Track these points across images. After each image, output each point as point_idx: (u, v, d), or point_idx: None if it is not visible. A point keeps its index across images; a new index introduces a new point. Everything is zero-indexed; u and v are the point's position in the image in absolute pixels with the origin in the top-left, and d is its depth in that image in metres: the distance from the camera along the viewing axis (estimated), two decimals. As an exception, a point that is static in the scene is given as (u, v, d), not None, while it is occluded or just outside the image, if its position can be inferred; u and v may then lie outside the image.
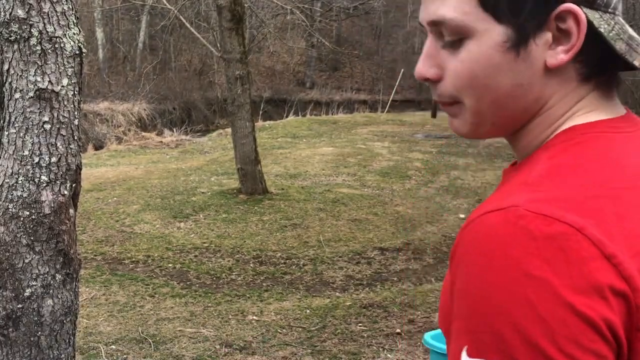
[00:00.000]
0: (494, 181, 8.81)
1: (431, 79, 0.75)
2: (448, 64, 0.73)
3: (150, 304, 4.68)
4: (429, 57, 0.75)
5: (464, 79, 0.72)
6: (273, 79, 29.33)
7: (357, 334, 4.20)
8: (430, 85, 0.77)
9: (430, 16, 0.73)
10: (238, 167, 7.56)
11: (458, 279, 0.62)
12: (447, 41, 0.73)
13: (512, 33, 0.69)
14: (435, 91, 0.76)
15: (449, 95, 0.74)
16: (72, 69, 2.09)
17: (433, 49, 0.75)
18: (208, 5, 17.49)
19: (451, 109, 0.76)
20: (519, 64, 0.70)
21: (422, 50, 0.78)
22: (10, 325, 2.06)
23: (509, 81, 0.71)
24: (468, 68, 0.71)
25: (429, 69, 0.75)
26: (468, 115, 0.75)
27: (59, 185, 2.09)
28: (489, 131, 0.76)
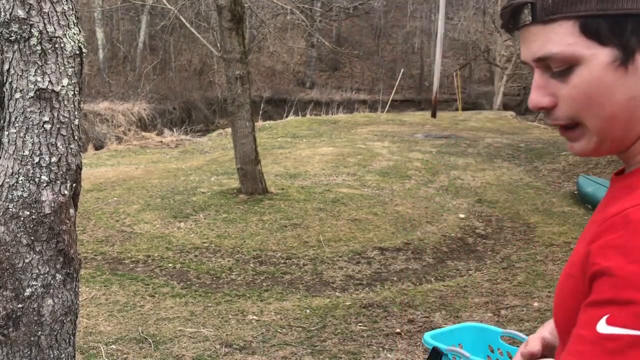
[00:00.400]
0: (494, 181, 8.82)
1: (546, 107, 0.83)
2: (561, 91, 0.80)
3: (150, 303, 4.69)
4: (540, 88, 0.82)
5: (581, 102, 0.79)
6: (273, 79, 29.34)
7: (357, 333, 4.20)
8: (545, 114, 0.84)
9: (536, 54, 0.80)
10: (238, 167, 7.56)
11: (630, 253, 0.70)
12: (556, 72, 0.80)
13: (618, 52, 0.76)
14: (551, 117, 0.84)
15: (566, 117, 0.82)
16: (72, 69, 2.09)
17: (542, 81, 0.82)
18: (208, 5, 17.49)
19: (571, 133, 0.83)
20: (629, 78, 0.77)
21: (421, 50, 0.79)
22: (10, 325, 2.07)
23: (623, 96, 0.77)
24: (583, 91, 0.78)
25: (542, 99, 0.82)
26: (590, 134, 0.82)
27: (59, 185, 2.09)
28: (610, 147, 0.83)
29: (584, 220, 6.90)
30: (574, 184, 8.48)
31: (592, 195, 7.35)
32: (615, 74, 0.76)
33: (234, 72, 7.26)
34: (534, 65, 0.82)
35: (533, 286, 5.04)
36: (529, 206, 7.54)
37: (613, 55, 0.76)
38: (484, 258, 5.87)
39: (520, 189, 8.41)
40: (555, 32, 0.78)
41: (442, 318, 4.43)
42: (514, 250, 6.07)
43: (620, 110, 0.78)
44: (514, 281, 5.16)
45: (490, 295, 4.86)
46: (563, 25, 0.77)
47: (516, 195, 8.08)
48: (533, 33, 0.80)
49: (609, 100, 0.77)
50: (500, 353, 2.33)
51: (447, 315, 4.48)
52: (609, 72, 0.76)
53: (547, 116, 0.84)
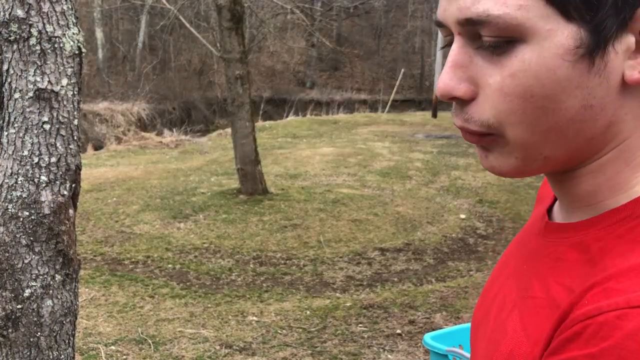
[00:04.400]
0: (495, 181, 8.81)
1: (461, 98, 0.55)
2: (488, 79, 0.53)
3: (149, 304, 4.68)
4: (457, 68, 0.55)
5: (514, 100, 0.53)
6: (273, 79, 29.35)
7: (358, 334, 4.19)
8: (456, 106, 0.57)
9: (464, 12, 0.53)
10: (238, 167, 7.55)
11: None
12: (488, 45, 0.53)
13: (586, 35, 0.51)
14: (461, 114, 0.56)
15: (484, 122, 0.55)
16: (71, 69, 2.08)
17: (464, 56, 0.54)
18: (208, 5, 17.49)
19: (482, 140, 0.57)
20: (591, 79, 0.52)
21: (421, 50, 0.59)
22: (9, 325, 2.06)
23: (576, 102, 0.52)
24: (522, 84, 0.52)
25: (458, 84, 0.54)
26: (512, 148, 0.55)
27: (58, 186, 2.08)
28: (539, 167, 0.57)
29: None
30: (575, 184, 8.46)
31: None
32: (575, 66, 0.51)
33: (234, 72, 7.25)
34: (455, 31, 0.54)
35: (534, 287, 5.03)
36: (530, 206, 7.53)
37: (579, 37, 0.50)
38: (485, 259, 5.86)
39: (521, 189, 8.40)
40: None
41: (442, 319, 4.42)
42: (514, 250, 6.06)
43: (566, 122, 0.53)
44: (514, 282, 5.15)
45: (491, 295, 4.85)
46: None
47: (517, 195, 8.07)
48: None
49: (556, 105, 0.52)
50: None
51: (447, 316, 4.47)
52: (566, 62, 0.51)
53: (458, 112, 0.56)
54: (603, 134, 0.54)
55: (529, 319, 0.57)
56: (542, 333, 0.54)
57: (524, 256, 0.65)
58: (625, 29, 0.51)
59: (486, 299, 0.70)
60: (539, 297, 0.57)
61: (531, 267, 0.62)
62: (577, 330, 0.49)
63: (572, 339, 0.49)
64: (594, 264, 0.53)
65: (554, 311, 0.54)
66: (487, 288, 0.72)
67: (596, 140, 0.55)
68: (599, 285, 0.50)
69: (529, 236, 0.68)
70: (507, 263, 0.70)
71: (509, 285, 0.65)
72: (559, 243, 0.59)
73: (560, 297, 0.54)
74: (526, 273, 0.62)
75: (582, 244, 0.56)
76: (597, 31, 0.51)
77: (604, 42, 0.51)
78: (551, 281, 0.57)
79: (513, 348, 0.57)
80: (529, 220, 0.74)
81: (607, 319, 0.47)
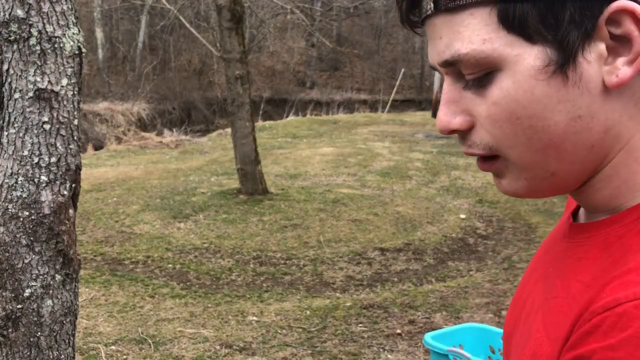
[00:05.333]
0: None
1: (459, 130, 0.60)
2: (477, 109, 0.58)
3: (150, 304, 4.68)
4: (450, 104, 0.59)
5: (503, 125, 0.56)
6: (273, 79, 29.35)
7: (358, 334, 4.19)
8: (459, 138, 0.61)
9: (443, 55, 0.58)
10: (238, 167, 7.55)
11: None
12: (470, 80, 0.58)
13: (552, 52, 0.54)
14: (465, 142, 0.61)
15: (486, 144, 0.59)
16: (71, 69, 2.08)
17: (454, 93, 0.59)
18: (208, 5, 17.49)
19: (492, 165, 0.60)
20: (570, 91, 0.54)
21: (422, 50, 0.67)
22: (9, 325, 2.06)
23: (563, 116, 0.55)
24: (505, 110, 0.56)
25: (453, 119, 0.59)
26: (518, 170, 0.59)
27: (58, 186, 2.08)
28: (551, 185, 0.60)
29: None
30: (575, 184, 8.47)
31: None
32: (550, 84, 0.54)
33: (234, 72, 7.25)
34: (443, 72, 0.60)
35: (534, 287, 5.03)
36: (530, 206, 7.53)
37: (546, 56, 0.53)
38: (484, 258, 5.86)
39: (520, 189, 8.39)
40: (466, 25, 0.55)
41: (442, 319, 4.42)
42: (515, 250, 6.06)
43: (560, 137, 0.55)
44: (515, 282, 5.15)
45: (492, 295, 4.85)
46: (476, 14, 0.55)
47: (517, 195, 8.07)
48: (438, 27, 0.58)
49: (543, 122, 0.55)
50: (502, 354, 2.32)
51: (447, 316, 4.47)
52: (540, 82, 0.54)
53: (462, 141, 0.61)
54: (602, 140, 0.56)
55: (550, 318, 0.58)
56: (561, 330, 0.55)
57: (550, 260, 0.67)
58: (592, 39, 0.53)
59: (516, 306, 0.72)
60: (561, 296, 0.58)
61: (556, 269, 0.63)
62: (596, 323, 0.50)
63: (590, 331, 0.50)
64: (614, 260, 0.54)
65: (572, 308, 0.55)
66: (517, 296, 0.74)
67: (598, 148, 0.56)
68: (617, 278, 0.51)
69: (555, 240, 0.70)
70: (535, 269, 0.71)
71: (537, 290, 0.66)
72: (582, 243, 0.60)
73: (579, 294, 0.55)
74: (552, 276, 0.64)
75: (605, 242, 0.57)
76: (562, 47, 0.53)
77: (572, 55, 0.53)
78: (572, 280, 0.58)
79: (536, 349, 0.58)
80: (557, 225, 0.76)
81: (626, 310, 0.48)
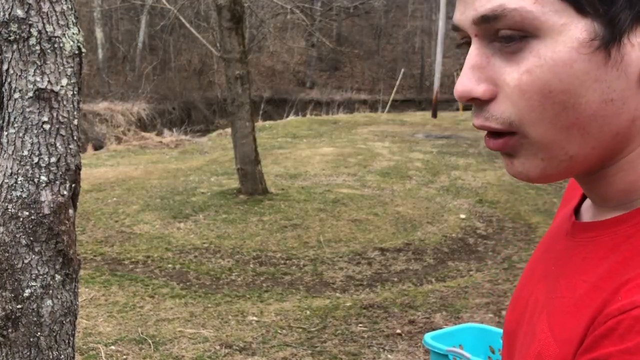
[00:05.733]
0: (495, 181, 8.81)
1: (480, 99, 0.56)
2: (506, 77, 0.54)
3: (149, 304, 4.67)
4: (476, 69, 0.55)
5: (533, 97, 0.53)
6: (273, 79, 29.35)
7: (358, 334, 4.19)
8: (476, 107, 0.57)
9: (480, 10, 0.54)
10: (238, 167, 7.55)
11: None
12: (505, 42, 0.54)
13: (600, 28, 0.51)
14: (482, 113, 0.57)
15: (506, 119, 0.55)
16: (71, 68, 2.08)
17: (481, 58, 0.55)
18: (208, 5, 17.48)
19: (506, 143, 0.57)
20: (609, 72, 0.52)
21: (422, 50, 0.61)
22: (9, 325, 2.06)
23: (596, 96, 0.52)
24: (539, 80, 0.52)
25: (477, 85, 0.55)
26: (536, 149, 0.55)
27: (58, 186, 2.08)
28: (567, 168, 0.56)
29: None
30: (575, 184, 8.46)
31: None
32: (591, 60, 0.51)
33: (234, 72, 7.25)
34: (472, 33, 0.56)
35: (534, 287, 5.03)
36: (530, 206, 7.53)
37: (593, 31, 0.51)
38: (485, 258, 5.86)
39: (521, 189, 8.40)
40: None
41: (442, 319, 4.42)
42: (515, 250, 6.06)
43: (587, 117, 0.53)
44: (515, 282, 5.15)
45: (492, 296, 4.85)
46: None
47: (517, 195, 8.07)
48: None
49: (575, 100, 0.52)
50: (502, 354, 2.32)
51: (447, 316, 4.47)
52: (581, 56, 0.51)
53: (477, 112, 0.57)
54: (628, 129, 0.54)
55: (556, 319, 0.57)
56: (572, 333, 0.53)
57: (552, 259, 0.65)
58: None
59: (517, 306, 0.70)
60: (566, 296, 0.57)
61: (559, 268, 0.62)
62: (611, 326, 0.48)
63: (606, 334, 0.49)
64: (624, 261, 0.52)
65: (583, 310, 0.53)
66: (517, 295, 0.72)
67: (622, 136, 0.54)
68: (632, 281, 0.50)
69: (556, 238, 0.68)
70: (535, 268, 0.70)
71: (539, 289, 0.65)
72: (587, 242, 0.58)
73: (589, 295, 0.53)
74: (554, 275, 0.62)
75: (612, 242, 0.55)
76: (611, 24, 0.51)
77: (619, 34, 0.51)
78: (578, 280, 0.56)
79: (541, 350, 0.57)
80: (554, 223, 0.74)
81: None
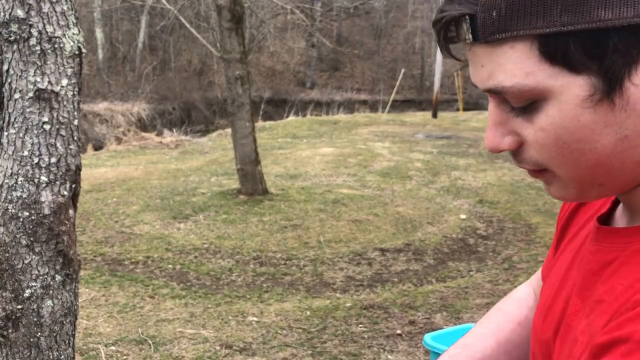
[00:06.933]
0: (495, 181, 8.81)
1: (509, 150, 0.62)
2: (525, 132, 0.59)
3: (150, 305, 4.67)
4: (498, 125, 0.61)
5: (551, 149, 0.58)
6: (273, 79, 29.35)
7: (358, 335, 4.19)
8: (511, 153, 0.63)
9: (486, 84, 0.59)
10: (238, 167, 7.55)
11: None
12: (516, 108, 0.59)
13: (597, 81, 0.54)
14: (517, 158, 0.63)
15: (536, 162, 0.61)
16: (71, 69, 2.08)
17: (501, 116, 0.61)
18: (208, 5, 17.49)
19: (542, 176, 0.63)
20: (617, 115, 0.55)
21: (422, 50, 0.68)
22: (9, 326, 2.05)
23: (610, 138, 0.56)
24: (553, 135, 0.57)
25: (502, 140, 0.61)
26: (566, 183, 0.61)
27: (58, 186, 2.08)
28: (599, 193, 0.62)
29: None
30: (575, 185, 8.46)
31: (593, 196, 7.33)
32: (596, 111, 0.54)
33: (234, 72, 7.25)
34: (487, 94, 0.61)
35: (534, 287, 5.02)
36: (531, 207, 7.53)
37: (590, 86, 0.54)
38: (485, 259, 5.86)
39: (521, 189, 8.39)
40: (507, 57, 0.55)
41: (443, 319, 4.42)
42: (515, 251, 6.06)
43: (608, 156, 0.56)
44: (515, 282, 5.15)
45: (492, 296, 4.85)
46: (516, 47, 0.55)
47: (517, 195, 8.07)
48: (478, 55, 0.58)
49: (591, 145, 0.56)
50: None
51: (448, 317, 4.46)
52: (587, 109, 0.54)
53: (513, 157, 0.63)
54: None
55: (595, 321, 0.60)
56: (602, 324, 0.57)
57: (585, 265, 0.68)
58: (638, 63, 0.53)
59: (550, 315, 0.72)
60: (606, 300, 0.59)
61: (594, 274, 0.64)
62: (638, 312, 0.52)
63: (633, 318, 0.52)
64: None
65: (613, 305, 0.57)
66: (548, 304, 0.74)
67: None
68: None
69: (586, 244, 0.70)
70: (566, 276, 0.72)
71: (574, 296, 0.67)
72: (623, 247, 0.61)
73: (622, 293, 0.57)
74: (590, 281, 0.65)
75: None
76: (607, 76, 0.53)
77: (618, 82, 0.54)
78: (615, 283, 0.59)
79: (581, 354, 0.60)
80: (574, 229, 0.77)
81: None
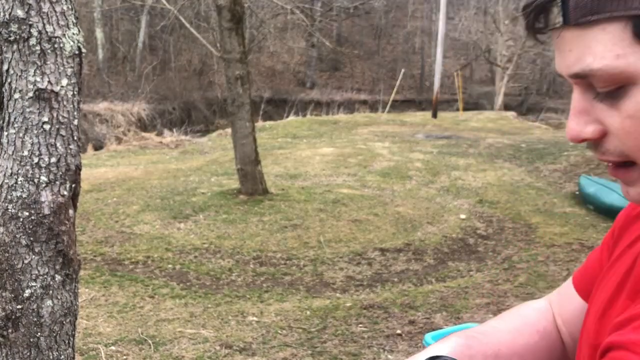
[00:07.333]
0: (495, 181, 8.80)
1: (591, 139, 0.61)
2: (609, 120, 0.58)
3: (150, 304, 4.67)
4: (581, 114, 0.60)
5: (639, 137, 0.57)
6: (273, 79, 29.35)
7: (358, 334, 4.18)
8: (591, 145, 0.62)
9: (572, 69, 0.58)
10: (238, 167, 7.55)
11: None
12: (602, 93, 0.58)
13: None
14: (598, 149, 0.61)
15: (620, 152, 0.59)
16: (71, 69, 2.08)
17: (584, 103, 0.60)
18: (208, 5, 17.48)
19: (625, 173, 0.61)
20: None
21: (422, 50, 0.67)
22: (9, 326, 2.05)
23: None
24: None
25: (585, 128, 0.60)
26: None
27: (58, 186, 2.08)
28: None
29: (585, 221, 6.89)
30: (576, 185, 8.46)
31: (593, 196, 7.33)
32: None
33: (234, 72, 7.25)
34: (571, 82, 0.60)
35: (534, 287, 5.02)
36: (530, 207, 7.52)
37: None
38: (485, 259, 5.86)
39: (521, 189, 8.39)
40: (598, 40, 0.54)
41: (443, 319, 4.42)
42: (515, 251, 6.05)
43: None
44: (515, 282, 5.15)
45: (492, 296, 4.85)
46: (608, 29, 0.54)
47: (517, 195, 8.07)
48: (567, 40, 0.57)
49: None
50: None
51: (448, 316, 4.46)
52: None
53: (594, 149, 0.62)
54: None
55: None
56: None
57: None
58: None
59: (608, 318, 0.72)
60: None
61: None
62: None
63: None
64: None
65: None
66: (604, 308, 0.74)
67: None
68: None
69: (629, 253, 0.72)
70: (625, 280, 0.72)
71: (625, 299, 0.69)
72: None
73: None
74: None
75: None
76: None
77: None
78: None
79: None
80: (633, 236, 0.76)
81: None
